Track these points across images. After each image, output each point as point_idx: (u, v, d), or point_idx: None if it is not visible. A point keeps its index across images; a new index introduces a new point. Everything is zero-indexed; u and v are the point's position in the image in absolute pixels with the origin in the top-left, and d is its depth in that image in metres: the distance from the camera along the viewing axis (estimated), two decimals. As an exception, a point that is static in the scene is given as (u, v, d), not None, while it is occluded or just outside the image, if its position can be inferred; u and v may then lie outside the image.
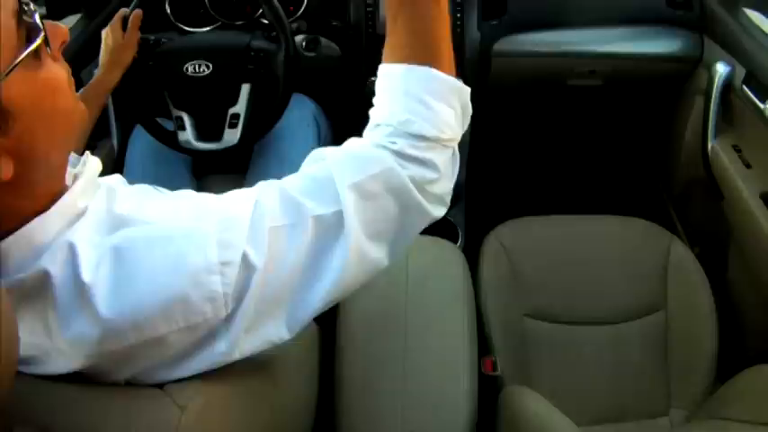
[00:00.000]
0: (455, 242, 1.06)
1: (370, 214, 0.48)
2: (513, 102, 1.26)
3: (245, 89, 0.95)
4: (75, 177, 0.45)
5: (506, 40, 1.08)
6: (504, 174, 1.41)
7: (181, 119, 0.98)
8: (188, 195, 0.51)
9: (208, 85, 0.95)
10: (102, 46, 0.94)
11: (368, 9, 1.06)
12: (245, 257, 0.43)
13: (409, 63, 0.50)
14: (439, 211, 0.52)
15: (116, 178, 0.54)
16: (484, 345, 0.92)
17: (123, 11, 0.95)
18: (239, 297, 0.43)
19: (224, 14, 1.13)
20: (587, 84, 1.15)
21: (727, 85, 1.04)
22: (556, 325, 0.99)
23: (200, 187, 1.14)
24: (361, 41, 1.07)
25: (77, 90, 1.09)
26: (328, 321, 0.82)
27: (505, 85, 1.15)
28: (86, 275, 0.40)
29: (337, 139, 1.22)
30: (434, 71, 0.50)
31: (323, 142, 1.13)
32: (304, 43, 1.11)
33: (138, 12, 0.94)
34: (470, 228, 1.12)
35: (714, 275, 1.04)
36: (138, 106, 1.00)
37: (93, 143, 1.19)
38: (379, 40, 1.09)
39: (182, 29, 1.14)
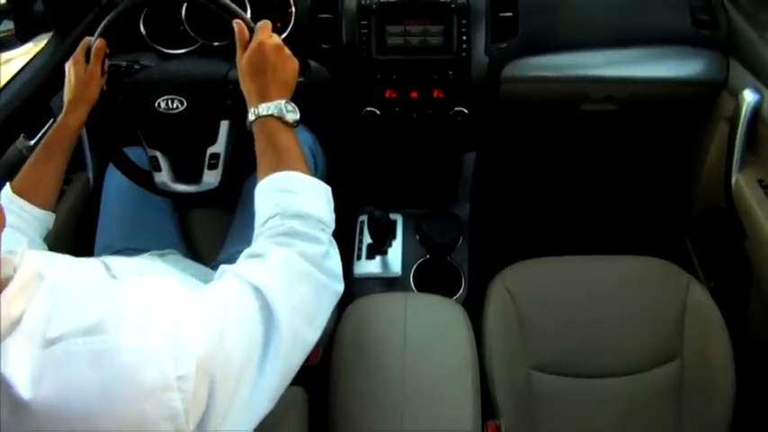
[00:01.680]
0: (458, 287, 0.93)
1: (294, 300, 0.51)
2: (520, 130, 1.11)
3: (225, 126, 0.81)
4: (15, 270, 0.42)
5: (516, 63, 0.93)
6: (510, 210, 1.28)
7: (156, 158, 0.84)
8: (136, 287, 0.46)
9: (182, 122, 0.80)
10: (66, 81, 0.80)
11: (362, 31, 0.90)
12: (199, 365, 0.41)
13: (279, 171, 0.62)
14: (337, 286, 0.57)
15: (60, 263, 0.48)
16: (488, 406, 0.80)
17: (87, 40, 0.80)
18: (201, 407, 0.42)
19: (203, 35, 0.97)
20: (602, 109, 1.01)
21: (755, 113, 0.90)
22: (564, 378, 0.87)
23: (182, 223, 1.01)
24: (354, 66, 0.92)
25: (38, 134, 0.98)
26: (320, 396, 0.70)
27: (514, 111, 1.00)
28: (25, 392, 0.37)
29: (332, 172, 1.08)
30: (300, 173, 0.63)
31: (319, 174, 0.99)
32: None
33: (101, 42, 0.79)
34: (474, 270, 0.99)
35: (730, 313, 0.92)
36: (108, 143, 0.85)
37: (67, 176, 1.06)
38: (374, 66, 0.93)
39: (158, 50, 0.99)
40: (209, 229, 0.99)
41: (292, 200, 0.60)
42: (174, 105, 0.80)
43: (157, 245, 0.92)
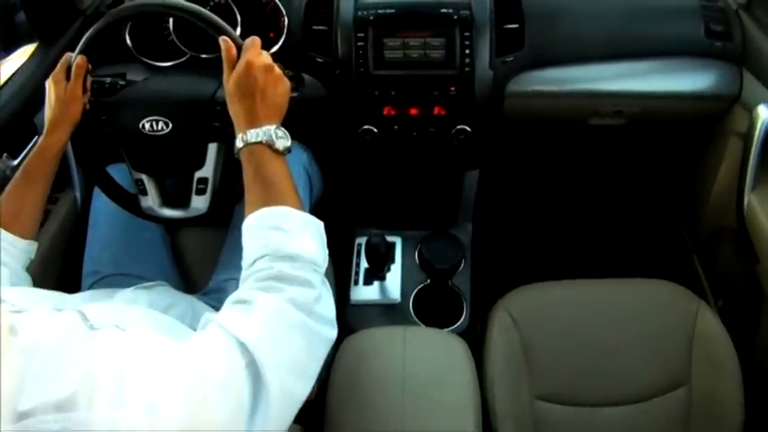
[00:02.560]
0: (459, 313, 0.87)
1: (283, 354, 0.47)
2: (524, 146, 1.04)
3: (213, 149, 0.74)
4: None
5: (522, 78, 0.86)
6: (514, 231, 1.21)
7: (141, 182, 0.77)
8: (112, 349, 0.41)
9: (168, 145, 0.73)
10: (46, 101, 0.73)
11: (358, 44, 0.83)
12: None
13: (268, 206, 0.57)
14: (330, 333, 0.53)
15: (34, 314, 0.43)
16: (490, 440, 0.75)
17: (68, 56, 0.73)
18: None
19: (192, 46, 0.90)
20: (610, 123, 0.93)
21: (771, 130, 0.83)
22: (569, 408, 0.82)
23: (173, 243, 0.94)
24: (350, 81, 0.84)
25: (22, 152, 0.91)
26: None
27: (518, 127, 0.93)
28: None
29: (329, 190, 0.99)
30: (291, 208, 0.57)
31: (315, 194, 0.93)
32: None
33: (82, 59, 0.71)
34: (477, 295, 0.92)
35: (738, 336, 0.86)
36: (92, 164, 0.78)
37: (53, 195, 0.99)
38: (372, 81, 0.83)
39: (146, 63, 0.92)
40: (201, 249, 0.93)
41: (282, 239, 0.55)
42: (159, 127, 0.73)
43: (148, 269, 0.86)
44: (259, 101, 0.63)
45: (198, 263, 0.93)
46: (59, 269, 0.94)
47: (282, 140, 0.62)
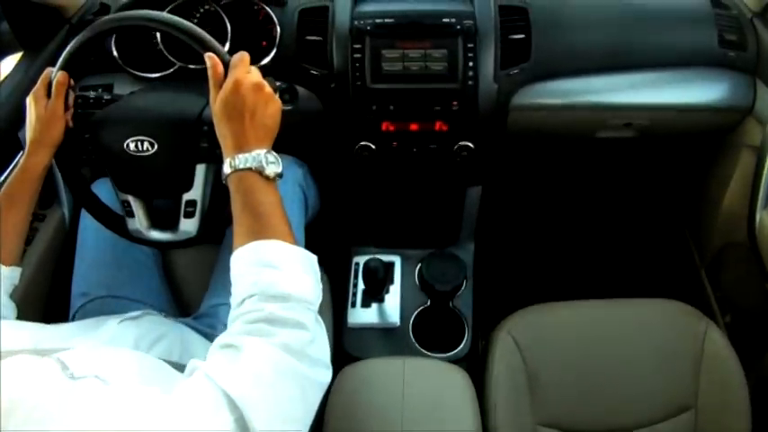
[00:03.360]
0: (461, 337, 0.82)
1: (274, 406, 0.44)
2: (529, 161, 0.97)
3: (201, 171, 0.68)
4: None
5: (528, 90, 0.79)
6: (518, 249, 1.15)
7: (128, 203, 0.71)
8: (91, 408, 0.38)
9: (154, 166, 0.67)
10: (26, 119, 0.67)
11: (355, 56, 0.76)
12: None
13: (258, 240, 0.52)
14: (325, 377, 0.49)
15: (12, 366, 0.39)
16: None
17: (48, 72, 0.67)
18: None
19: (180, 56, 0.83)
20: (618, 136, 0.87)
21: (786, 145, 0.77)
22: (574, 434, 0.78)
23: (165, 262, 0.88)
24: (346, 95, 0.78)
25: (6, 169, 0.85)
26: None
27: (522, 141, 0.87)
28: None
29: (325, 207, 0.92)
30: (282, 242, 0.53)
31: (310, 212, 0.87)
32: (278, 94, 0.82)
33: (63, 76, 0.65)
34: (479, 317, 0.87)
35: (746, 353, 0.81)
36: (76, 184, 0.73)
37: (40, 212, 0.93)
38: (369, 95, 0.76)
39: (132, 74, 0.85)
40: (193, 267, 0.87)
41: (272, 278, 0.50)
42: (144, 147, 0.67)
43: (138, 291, 0.80)
44: (248, 123, 0.57)
45: (190, 282, 0.87)
46: (48, 289, 0.89)
47: (273, 166, 0.57)
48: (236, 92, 0.57)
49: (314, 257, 0.55)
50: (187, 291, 0.87)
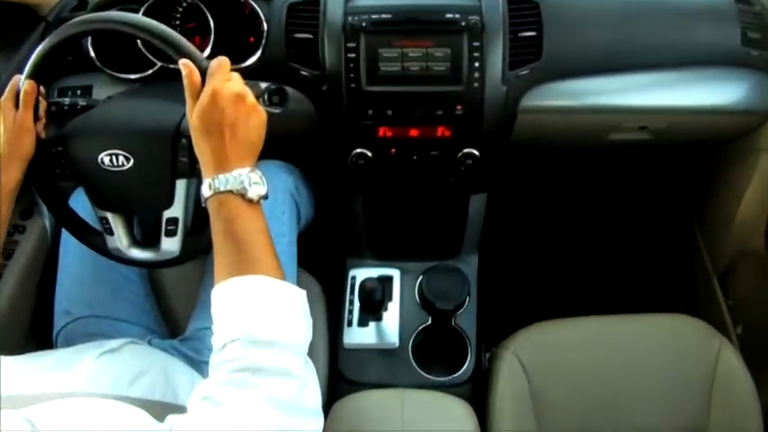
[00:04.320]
0: (464, 357, 0.75)
1: None
2: (534, 165, 0.89)
3: (181, 187, 0.61)
4: None
5: (538, 91, 0.71)
6: (524, 261, 1.07)
7: (106, 220, 0.64)
8: None
9: (130, 181, 0.60)
10: None
11: (348, 56, 0.68)
12: None
13: (241, 275, 0.47)
14: (316, 426, 0.44)
15: None
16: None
17: (16, 80, 0.60)
18: None
19: (161, 56, 0.75)
20: (632, 138, 0.79)
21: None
22: (581, 460, 0.72)
23: (152, 274, 0.82)
24: (339, 98, 0.70)
25: None
26: None
27: (529, 146, 0.78)
28: None
29: (320, 214, 0.84)
30: (266, 278, 0.47)
31: (303, 222, 0.80)
32: (266, 95, 0.74)
33: (30, 86, 0.58)
34: (483, 336, 0.80)
35: (758, 366, 0.75)
36: (51, 198, 0.66)
37: (21, 224, 0.87)
38: (365, 99, 0.66)
39: (111, 75, 0.78)
40: (182, 282, 0.81)
41: (256, 321, 0.45)
42: (120, 162, 0.60)
43: (123, 309, 0.74)
44: (228, 139, 0.50)
45: (179, 297, 0.81)
46: (33, 303, 0.83)
47: (257, 187, 0.50)
48: (215, 104, 0.50)
49: (303, 293, 0.49)
50: (176, 306, 0.81)
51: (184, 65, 0.52)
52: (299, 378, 0.43)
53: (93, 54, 0.77)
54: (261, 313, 0.45)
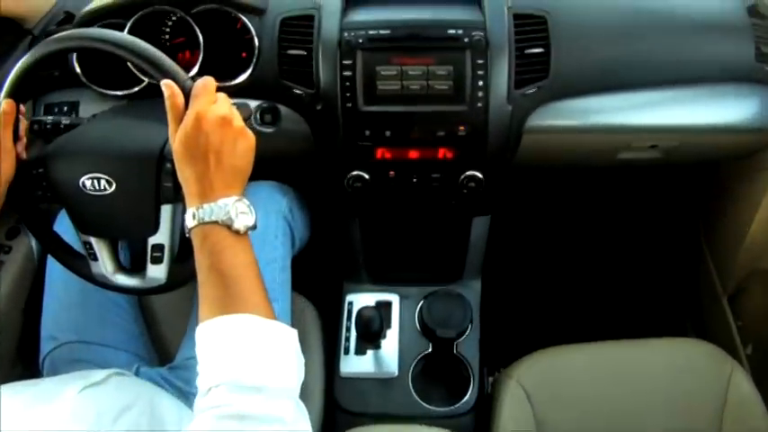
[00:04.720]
0: (466, 386, 0.71)
1: None
2: (538, 187, 0.85)
3: (167, 212, 0.57)
4: None
5: (545, 110, 0.66)
6: (529, 286, 1.03)
7: (90, 245, 0.61)
8: None
9: (113, 207, 0.57)
10: None
11: (344, 74, 0.64)
12: None
13: (227, 314, 0.43)
14: None
15: None
16: None
17: None
18: None
19: (148, 72, 0.71)
20: (642, 157, 0.75)
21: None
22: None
23: (140, 303, 0.78)
24: (335, 119, 0.66)
25: None
26: None
27: (532, 167, 0.74)
28: None
29: (316, 236, 0.80)
30: (254, 317, 0.44)
31: (297, 246, 0.75)
32: (258, 114, 0.70)
33: (8, 105, 0.55)
34: (486, 364, 0.76)
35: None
36: (33, 221, 0.62)
37: (6, 244, 0.83)
38: (361, 119, 0.62)
39: (97, 91, 0.74)
40: (172, 306, 0.77)
41: (243, 365, 0.41)
42: (102, 186, 0.56)
43: (111, 335, 0.71)
44: (213, 165, 0.47)
45: (169, 322, 0.77)
46: (20, 325, 0.79)
47: (244, 218, 0.46)
48: (198, 128, 0.46)
49: (294, 333, 0.46)
50: (166, 332, 0.77)
51: (166, 86, 0.48)
52: (290, 423, 0.40)
53: (78, 70, 0.73)
54: (247, 356, 0.42)
